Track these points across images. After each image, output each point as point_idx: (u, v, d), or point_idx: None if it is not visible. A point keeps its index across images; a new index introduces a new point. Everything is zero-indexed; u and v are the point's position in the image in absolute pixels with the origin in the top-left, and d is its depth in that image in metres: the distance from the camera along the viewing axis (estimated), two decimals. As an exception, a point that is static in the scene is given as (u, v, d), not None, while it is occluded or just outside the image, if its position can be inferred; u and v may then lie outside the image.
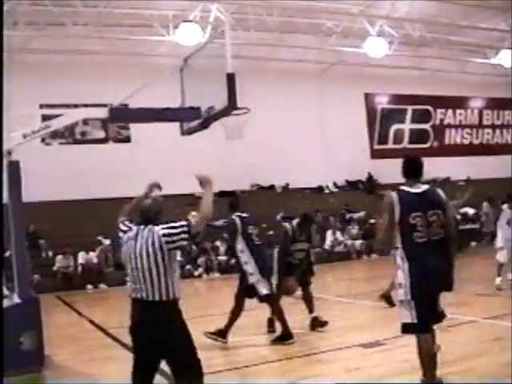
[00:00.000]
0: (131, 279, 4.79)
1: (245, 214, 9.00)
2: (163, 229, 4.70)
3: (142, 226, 4.81)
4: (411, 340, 5.73)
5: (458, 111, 31.76)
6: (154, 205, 4.96)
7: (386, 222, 5.52)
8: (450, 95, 30.42)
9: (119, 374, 7.50)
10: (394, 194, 5.50)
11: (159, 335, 4.60)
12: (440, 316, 5.67)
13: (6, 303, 8.29)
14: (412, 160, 5.78)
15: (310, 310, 9.39)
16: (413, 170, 5.67)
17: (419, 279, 5.36)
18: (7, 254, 10.13)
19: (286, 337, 8.54)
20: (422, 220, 5.38)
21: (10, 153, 8.20)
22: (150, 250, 4.66)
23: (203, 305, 13.88)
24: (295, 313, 9.74)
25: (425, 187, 5.59)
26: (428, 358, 5.45)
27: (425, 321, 5.45)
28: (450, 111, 31.50)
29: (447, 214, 5.54)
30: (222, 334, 8.54)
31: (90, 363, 8.24)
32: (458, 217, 22.54)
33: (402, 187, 5.59)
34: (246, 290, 8.67)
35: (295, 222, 9.49)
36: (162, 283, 4.64)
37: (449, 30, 26.19)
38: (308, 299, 9.43)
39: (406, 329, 5.55)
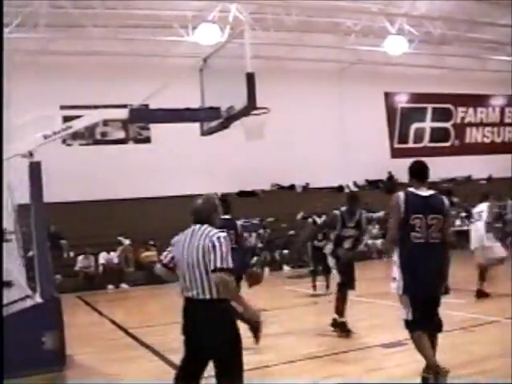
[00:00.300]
0: (182, 277, 4.75)
1: (226, 216, 8.51)
2: (218, 239, 4.59)
3: (198, 226, 4.75)
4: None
5: (479, 109, 31.54)
6: (207, 204, 4.86)
7: (394, 221, 5.78)
8: (470, 93, 30.21)
9: (140, 373, 7.55)
10: (401, 194, 5.81)
11: (209, 334, 4.56)
12: (437, 325, 5.82)
13: (28, 303, 8.38)
14: (418, 163, 6.02)
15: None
16: (419, 172, 5.94)
17: (411, 276, 5.65)
18: (30, 254, 10.22)
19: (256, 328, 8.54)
20: (421, 222, 5.66)
21: (31, 154, 8.26)
22: (201, 249, 4.61)
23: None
24: (316, 312, 9.72)
25: (430, 192, 5.85)
26: (427, 353, 5.65)
27: (418, 319, 5.68)
28: (470, 109, 31.29)
29: (447, 220, 5.79)
30: None
31: (110, 363, 8.27)
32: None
33: (410, 189, 5.87)
34: None
35: (343, 208, 9.21)
36: (212, 282, 4.58)
37: (469, 27, 26.01)
38: (343, 300, 9.11)
39: (406, 325, 5.84)
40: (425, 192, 5.82)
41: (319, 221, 14.49)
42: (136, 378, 7.41)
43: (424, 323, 5.70)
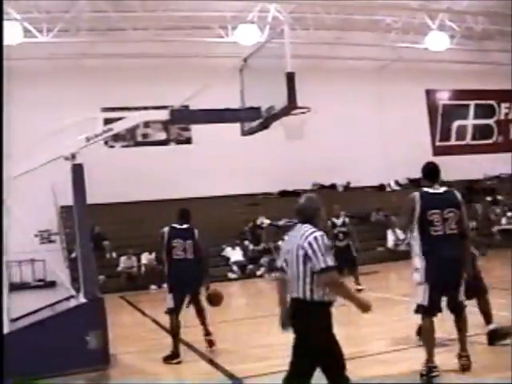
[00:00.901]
0: (289, 276, 4.84)
1: (184, 226, 8.71)
2: (314, 239, 4.65)
3: (300, 225, 4.85)
4: (476, 340, 5.69)
5: (523, 105, 30.86)
6: (309, 203, 4.96)
7: (406, 213, 6.46)
8: (514, 89, 29.58)
9: (181, 373, 7.60)
10: (416, 194, 6.43)
11: (303, 334, 4.68)
12: (458, 305, 6.37)
13: (72, 303, 8.50)
14: (429, 164, 6.70)
15: (488, 321, 7.54)
16: (430, 173, 6.62)
17: (433, 266, 6.22)
18: (74, 255, 10.37)
19: (173, 356, 8.24)
20: (438, 216, 6.26)
21: (74, 156, 8.38)
22: (299, 249, 4.69)
23: (266, 305, 13.86)
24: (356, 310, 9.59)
25: (444, 188, 6.50)
26: (429, 341, 6.37)
27: (434, 306, 6.31)
28: (515, 105, 30.64)
29: (462, 213, 6.37)
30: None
31: (153, 362, 8.33)
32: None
33: (424, 188, 6.49)
34: None
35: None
36: (306, 283, 4.65)
37: (511, 21, 25.48)
38: (485, 308, 7.60)
39: (418, 309, 6.47)
40: (438, 189, 6.45)
41: (338, 222, 14.48)
42: (177, 378, 7.46)
43: (438, 310, 6.33)
